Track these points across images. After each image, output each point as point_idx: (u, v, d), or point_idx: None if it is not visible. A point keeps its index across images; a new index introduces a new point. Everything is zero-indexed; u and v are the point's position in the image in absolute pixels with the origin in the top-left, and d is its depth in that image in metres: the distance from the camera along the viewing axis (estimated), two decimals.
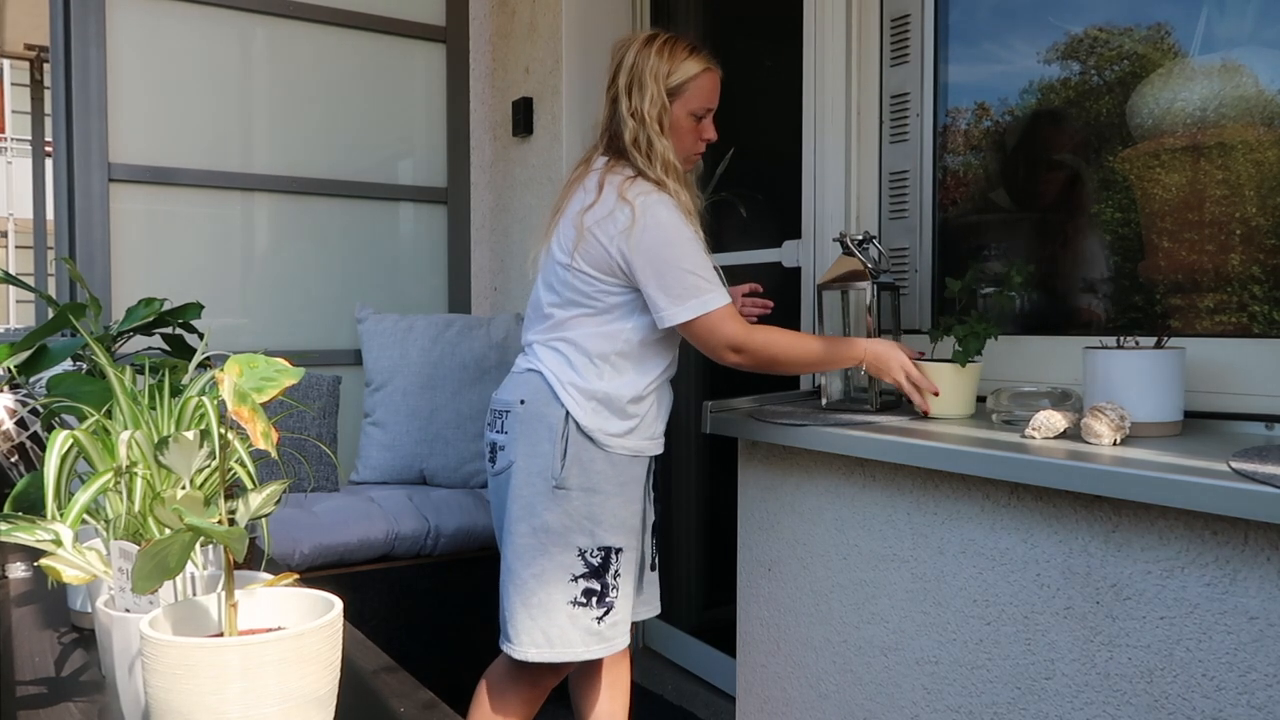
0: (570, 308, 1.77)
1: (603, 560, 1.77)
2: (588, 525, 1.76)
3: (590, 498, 1.76)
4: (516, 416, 1.79)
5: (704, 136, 1.83)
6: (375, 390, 2.86)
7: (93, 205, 2.69)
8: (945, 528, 1.51)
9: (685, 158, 1.83)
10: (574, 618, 1.75)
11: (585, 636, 1.76)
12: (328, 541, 2.38)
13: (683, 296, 1.68)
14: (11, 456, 1.58)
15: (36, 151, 6.59)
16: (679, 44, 1.80)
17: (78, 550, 0.94)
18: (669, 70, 1.77)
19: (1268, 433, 1.44)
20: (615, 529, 1.78)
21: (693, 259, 1.70)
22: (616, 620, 1.79)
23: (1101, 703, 1.30)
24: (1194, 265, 1.58)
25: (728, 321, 1.70)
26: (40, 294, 1.75)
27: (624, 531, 1.80)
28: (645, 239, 1.68)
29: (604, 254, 1.71)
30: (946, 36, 1.99)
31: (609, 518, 1.78)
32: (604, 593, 1.77)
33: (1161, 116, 1.61)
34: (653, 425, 1.84)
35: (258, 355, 0.85)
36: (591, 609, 1.76)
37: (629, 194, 1.71)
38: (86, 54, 2.67)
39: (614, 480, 1.78)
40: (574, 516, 1.75)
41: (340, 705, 0.87)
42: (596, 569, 1.77)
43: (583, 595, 1.76)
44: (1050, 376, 1.73)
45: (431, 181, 3.26)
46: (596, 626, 1.77)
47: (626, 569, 1.81)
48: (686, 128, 1.80)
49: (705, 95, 1.80)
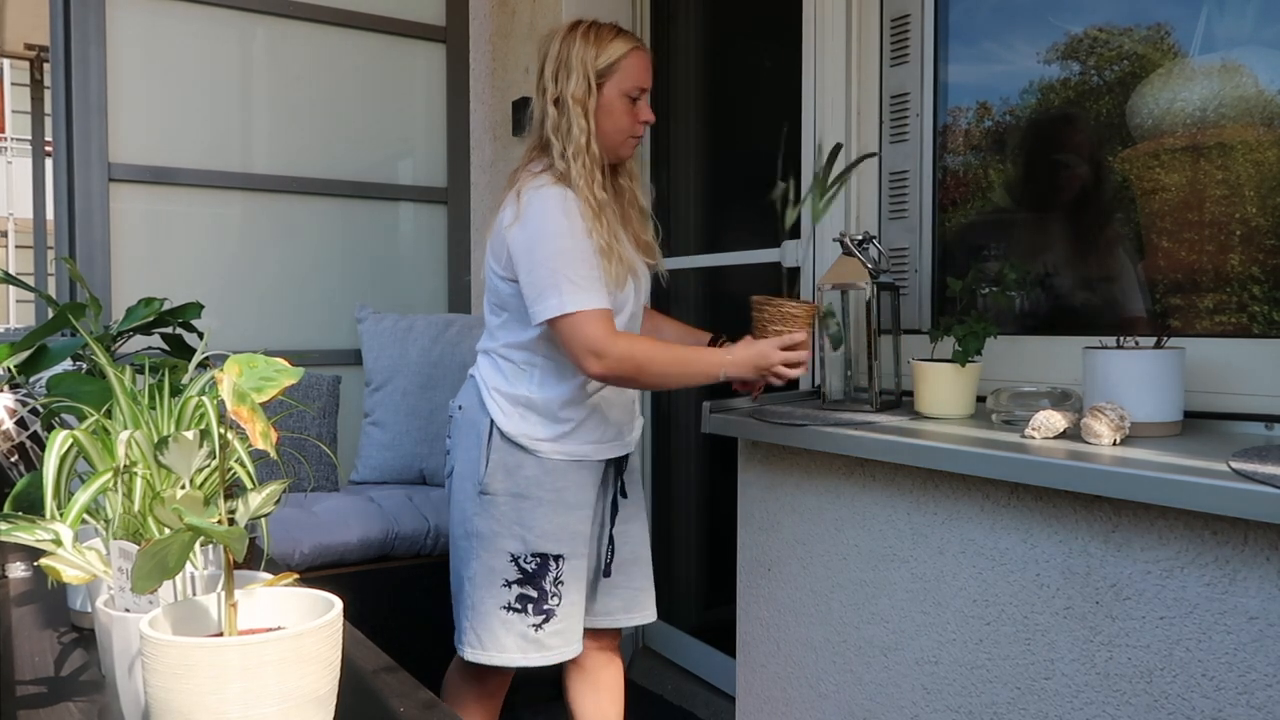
0: (500, 313, 1.78)
1: (538, 566, 1.74)
2: (518, 530, 1.74)
3: (519, 503, 1.74)
4: (456, 423, 1.85)
5: (641, 118, 1.77)
6: (375, 390, 2.86)
7: (93, 205, 2.69)
8: (945, 528, 1.51)
9: (620, 141, 1.77)
10: (507, 623, 1.74)
11: (521, 643, 1.74)
12: (328, 541, 2.38)
13: (543, 295, 1.63)
14: (11, 456, 1.58)
15: (36, 151, 6.59)
16: (604, 28, 1.76)
17: (78, 550, 0.94)
18: (596, 53, 1.73)
19: (1267, 433, 1.44)
20: (552, 536, 1.75)
21: (565, 256, 1.63)
22: (560, 629, 1.76)
23: (1101, 703, 1.30)
24: (1194, 265, 1.58)
25: (590, 324, 1.62)
26: (40, 294, 1.75)
27: (565, 539, 1.76)
28: (521, 234, 1.66)
29: (506, 253, 1.70)
30: (946, 36, 1.99)
31: (542, 524, 1.74)
32: (541, 600, 1.74)
33: (1161, 117, 1.61)
34: (597, 429, 1.78)
35: (257, 355, 0.85)
36: (527, 615, 1.74)
37: (524, 188, 1.69)
38: (86, 54, 2.68)
39: (547, 486, 1.75)
40: (502, 522, 1.74)
41: (340, 705, 0.87)
42: (532, 575, 1.74)
43: (517, 601, 1.74)
44: (1050, 376, 1.73)
45: (431, 181, 3.26)
46: (534, 634, 1.74)
47: (572, 578, 1.78)
48: (621, 109, 1.75)
49: (636, 74, 1.75)
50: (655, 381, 1.71)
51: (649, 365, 1.65)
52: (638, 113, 1.77)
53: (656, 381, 1.71)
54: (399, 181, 3.21)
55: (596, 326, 1.63)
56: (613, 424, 1.81)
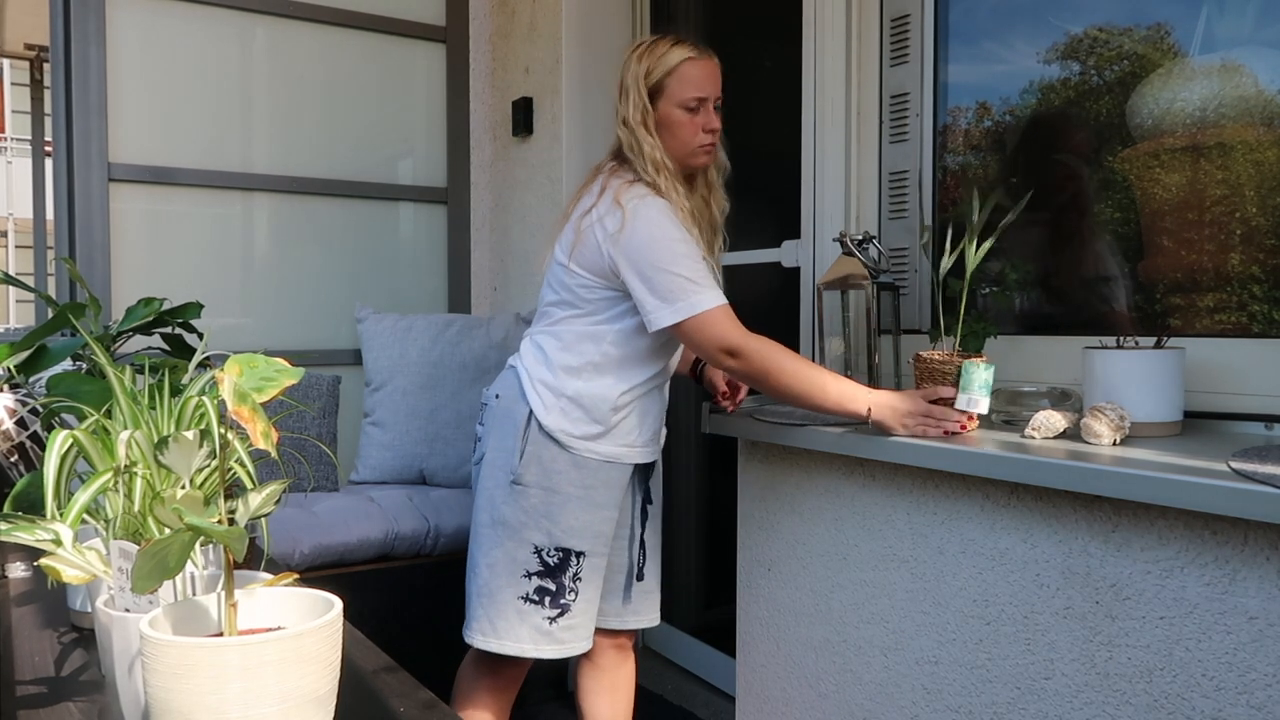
0: (565, 307, 1.79)
1: (560, 561, 1.77)
2: (545, 524, 1.76)
3: (549, 497, 1.76)
4: (491, 411, 1.83)
5: (707, 127, 1.76)
6: (375, 390, 2.86)
7: (93, 205, 2.69)
8: (945, 528, 1.51)
9: (689, 153, 1.78)
10: (523, 614, 1.76)
11: (534, 634, 1.77)
12: (327, 541, 2.37)
13: (669, 298, 1.65)
14: (11, 456, 1.58)
15: (36, 151, 6.59)
16: (661, 41, 1.77)
17: (78, 550, 0.94)
18: (648, 69, 1.76)
19: (1267, 433, 1.44)
20: (577, 532, 1.77)
21: (681, 261, 1.66)
22: (573, 624, 1.78)
23: (1101, 703, 1.30)
24: (1194, 265, 1.58)
25: (722, 323, 1.65)
26: (40, 294, 1.75)
27: (589, 536, 1.78)
28: (632, 242, 1.67)
29: (597, 256, 1.71)
30: (946, 36, 1.99)
31: (569, 519, 1.76)
32: (559, 594, 1.77)
33: (1161, 116, 1.61)
34: (632, 433, 1.80)
35: (258, 355, 0.85)
36: (544, 608, 1.76)
37: (623, 198, 1.70)
38: (86, 54, 2.67)
39: (578, 483, 1.77)
40: (530, 514, 1.76)
41: (340, 705, 0.87)
42: (553, 569, 1.77)
43: (535, 593, 1.76)
44: (1050, 376, 1.73)
45: (431, 181, 3.26)
46: (548, 626, 1.77)
47: (591, 575, 1.80)
48: (680, 121, 1.75)
49: (692, 84, 1.75)
50: (780, 391, 1.67)
51: (779, 374, 1.64)
52: (702, 121, 1.76)
53: (782, 392, 1.67)
54: (399, 181, 3.21)
55: (729, 323, 1.65)
56: (649, 429, 1.82)
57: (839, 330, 1.88)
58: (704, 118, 1.76)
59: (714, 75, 1.78)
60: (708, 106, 1.77)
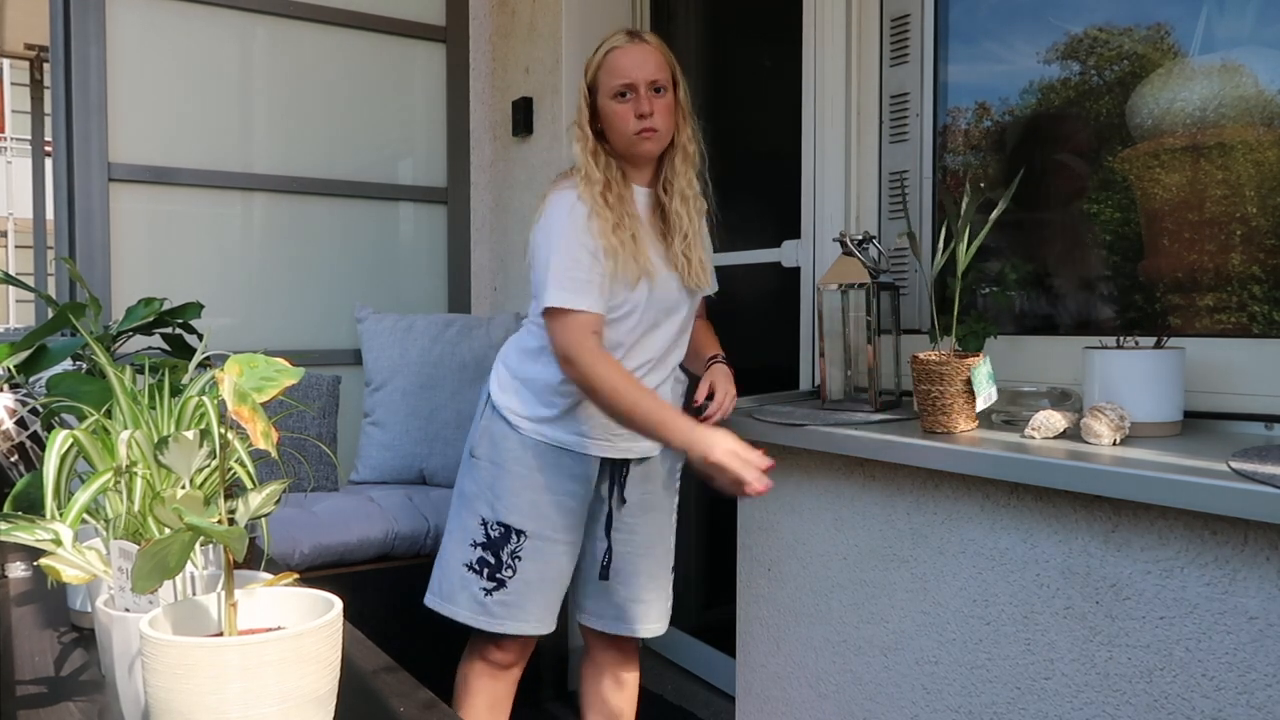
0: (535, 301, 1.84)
1: (501, 535, 1.81)
2: (489, 496, 1.83)
3: (496, 471, 1.82)
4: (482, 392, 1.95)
5: (638, 112, 1.72)
6: (375, 390, 2.86)
7: (93, 205, 2.69)
8: (945, 528, 1.51)
9: (629, 142, 1.75)
10: (465, 581, 1.83)
11: (471, 603, 1.83)
12: (327, 541, 2.38)
13: (542, 287, 1.71)
14: (11, 456, 1.58)
15: (36, 151, 6.59)
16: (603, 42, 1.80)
17: (78, 550, 0.94)
18: (586, 68, 1.80)
19: (1267, 433, 1.44)
20: (518, 510, 1.80)
21: (561, 256, 1.68)
22: (507, 601, 1.81)
23: (1101, 702, 1.30)
24: (1194, 265, 1.58)
25: (569, 328, 1.67)
26: (40, 294, 1.75)
27: (531, 517, 1.80)
28: (538, 229, 1.77)
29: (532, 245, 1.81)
30: (946, 36, 1.99)
31: (511, 496, 1.81)
32: (497, 568, 1.81)
33: (1161, 116, 1.61)
34: (581, 424, 1.80)
35: (258, 355, 0.85)
36: (482, 579, 1.82)
37: (550, 190, 1.80)
38: (86, 53, 2.67)
39: (523, 462, 1.81)
40: (480, 485, 1.84)
41: (340, 705, 0.87)
42: (494, 541, 1.82)
43: (477, 563, 1.83)
44: (1050, 376, 1.73)
45: (431, 181, 3.26)
46: (483, 598, 1.82)
47: (533, 556, 1.81)
48: (614, 111, 1.75)
49: (617, 72, 1.74)
50: (606, 409, 1.70)
51: (605, 392, 1.65)
52: (632, 108, 1.73)
53: (607, 410, 1.70)
54: (399, 181, 3.21)
55: (576, 331, 1.68)
56: (599, 423, 1.80)
57: (839, 330, 1.88)
58: (636, 104, 1.73)
59: (644, 60, 1.74)
60: (639, 92, 1.73)
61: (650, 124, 1.73)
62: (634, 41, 1.77)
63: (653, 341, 1.82)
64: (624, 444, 1.84)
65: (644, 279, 1.74)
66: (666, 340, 1.83)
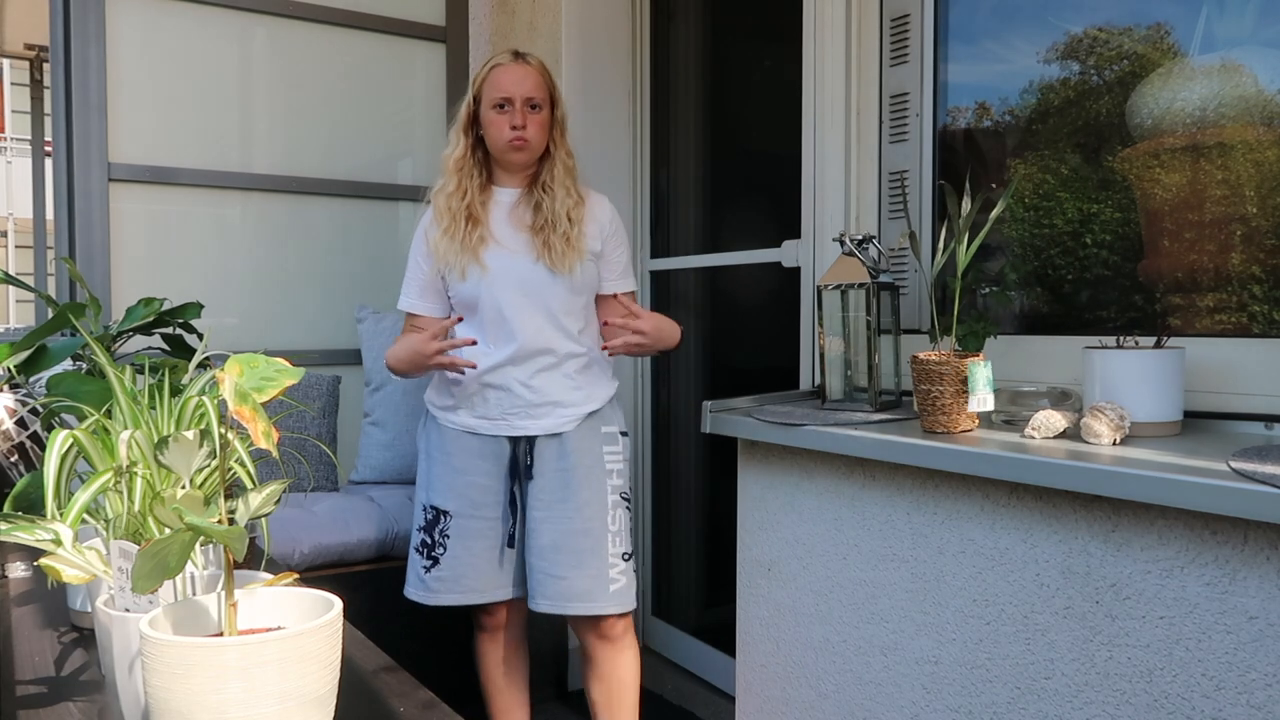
0: None
1: (433, 517, 2.05)
2: (424, 483, 2.08)
3: (426, 460, 2.09)
4: None
5: (511, 124, 1.96)
6: (375, 390, 2.87)
7: (92, 205, 2.69)
8: (945, 527, 1.51)
9: (501, 148, 2.00)
10: (413, 562, 2.09)
11: (416, 580, 2.07)
12: (327, 541, 2.38)
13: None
14: (11, 456, 1.58)
15: (36, 151, 6.59)
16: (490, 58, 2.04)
17: (78, 550, 0.94)
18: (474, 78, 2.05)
19: (1267, 433, 1.44)
20: (441, 493, 2.04)
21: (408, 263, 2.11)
22: (442, 576, 2.03)
23: (1101, 702, 1.30)
24: (1194, 265, 1.58)
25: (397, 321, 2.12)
26: (40, 294, 1.75)
27: (452, 497, 2.03)
28: None
29: None
30: (946, 36, 1.99)
31: (436, 481, 2.05)
32: (433, 547, 2.04)
33: (1161, 116, 1.61)
34: (480, 407, 2.02)
35: (258, 355, 0.85)
36: (423, 558, 2.06)
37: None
38: (86, 54, 2.67)
39: (440, 447, 2.06)
40: (420, 475, 2.11)
41: (340, 705, 0.87)
42: (429, 524, 2.05)
43: (420, 545, 2.07)
44: (1050, 376, 1.73)
45: (431, 182, 3.25)
46: (424, 575, 2.05)
47: (458, 534, 2.02)
48: (491, 120, 1.99)
49: (497, 87, 1.98)
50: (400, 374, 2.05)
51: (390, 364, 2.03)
52: (506, 120, 1.97)
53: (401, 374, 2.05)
54: (399, 181, 3.21)
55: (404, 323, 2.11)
56: (494, 406, 2.01)
57: (839, 330, 1.88)
58: (510, 116, 1.97)
59: (523, 79, 1.98)
60: (515, 106, 1.97)
61: (522, 135, 1.97)
62: (517, 61, 2.01)
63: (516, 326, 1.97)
64: (519, 423, 2.01)
65: (473, 265, 1.97)
66: (532, 325, 1.98)
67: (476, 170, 2.03)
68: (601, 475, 2.04)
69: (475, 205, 2.01)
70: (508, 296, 1.97)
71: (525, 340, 1.98)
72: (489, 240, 1.99)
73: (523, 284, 1.98)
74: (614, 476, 2.06)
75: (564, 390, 2.02)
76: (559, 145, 2.04)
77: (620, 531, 2.04)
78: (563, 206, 1.99)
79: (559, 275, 1.98)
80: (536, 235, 1.99)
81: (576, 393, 2.03)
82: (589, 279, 2.04)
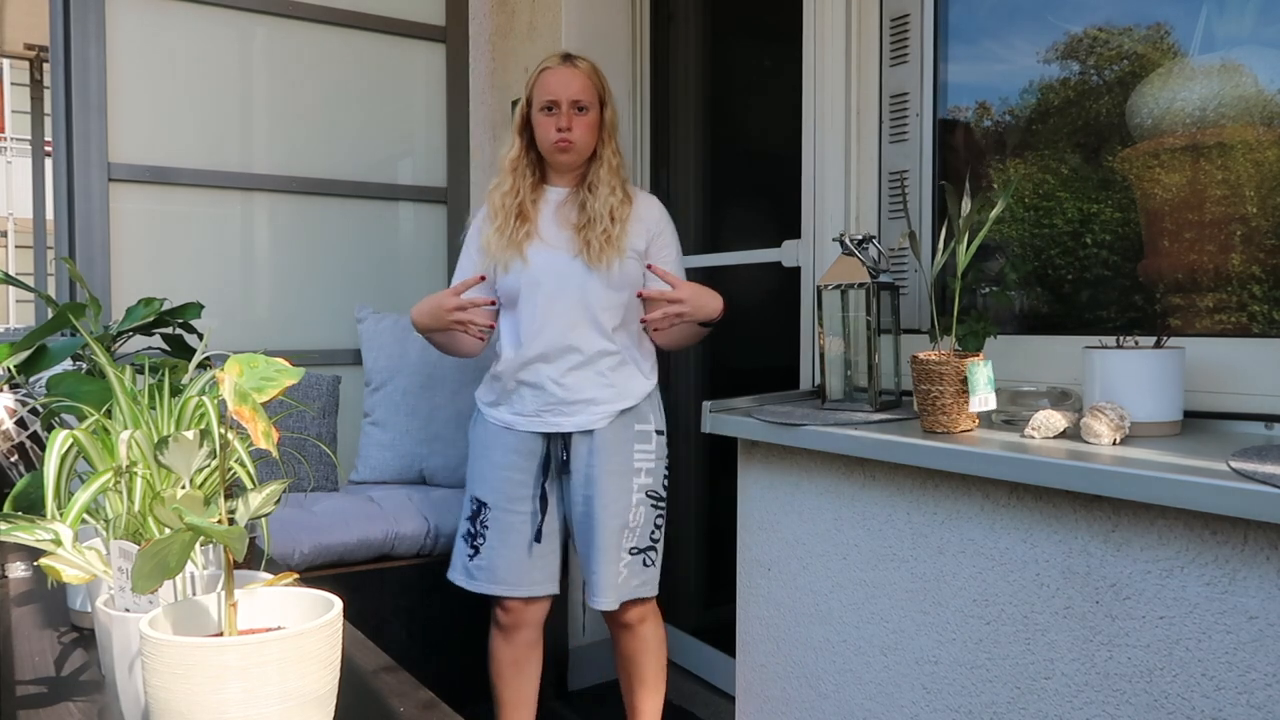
0: None
1: (476, 508, 2.12)
2: (471, 475, 2.16)
3: (472, 453, 2.18)
4: None
5: (557, 126, 2.03)
6: (375, 390, 2.86)
7: (93, 205, 2.69)
8: (945, 528, 1.51)
9: (548, 149, 2.07)
10: (458, 550, 2.16)
11: (461, 568, 2.14)
12: (327, 541, 2.37)
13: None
14: (11, 456, 1.58)
15: (36, 151, 6.59)
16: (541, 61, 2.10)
17: (77, 550, 0.94)
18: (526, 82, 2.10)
19: (1267, 432, 1.44)
20: (483, 485, 2.11)
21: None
22: (482, 565, 2.10)
23: (1101, 702, 1.30)
24: (1194, 265, 1.58)
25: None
26: (40, 294, 1.75)
27: (489, 490, 2.10)
28: None
29: None
30: (946, 36, 1.99)
31: (475, 472, 2.14)
32: (475, 536, 2.11)
33: (1161, 116, 1.61)
34: (517, 404, 2.09)
35: (258, 355, 0.85)
36: (467, 547, 2.13)
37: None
38: (86, 54, 2.67)
39: (482, 441, 2.14)
40: (468, 468, 2.18)
41: (340, 705, 0.87)
42: (474, 514, 2.12)
43: (465, 534, 2.14)
44: (1050, 376, 1.73)
45: (431, 181, 3.26)
46: (467, 562, 2.13)
47: (494, 525, 2.09)
48: (539, 121, 2.06)
49: (545, 90, 2.04)
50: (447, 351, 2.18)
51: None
52: (553, 122, 2.03)
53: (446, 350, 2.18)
54: (399, 181, 3.21)
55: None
56: (529, 403, 2.07)
57: (839, 330, 1.88)
58: (557, 118, 2.03)
59: (570, 81, 2.04)
60: (562, 108, 2.03)
61: (567, 137, 2.03)
62: (565, 64, 2.06)
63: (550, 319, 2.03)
64: (554, 419, 2.07)
65: (516, 259, 2.04)
66: (565, 320, 2.03)
67: (529, 170, 2.10)
68: (628, 473, 2.08)
69: (526, 203, 2.08)
70: (545, 290, 2.03)
71: (558, 335, 2.03)
72: (534, 236, 2.06)
73: (560, 279, 2.03)
74: (641, 475, 2.09)
75: (596, 387, 2.06)
76: (606, 145, 2.08)
77: (637, 527, 2.09)
78: (605, 205, 2.03)
79: (595, 271, 2.02)
80: (579, 232, 2.04)
81: (609, 390, 2.07)
82: (629, 276, 2.07)
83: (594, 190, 2.06)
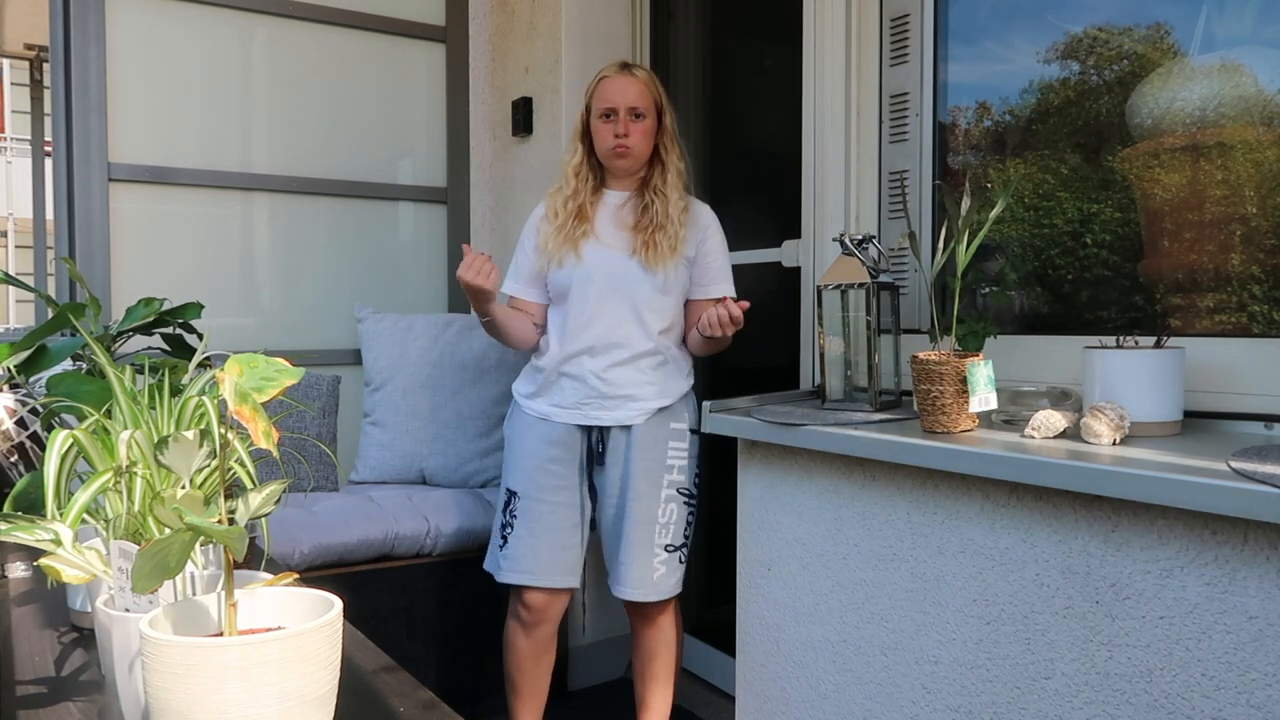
0: None
1: (508, 498, 2.16)
2: (507, 466, 2.20)
3: (508, 445, 2.21)
4: None
5: (615, 132, 2.09)
6: (375, 390, 2.86)
7: (93, 205, 2.69)
8: (945, 528, 1.51)
9: (606, 155, 2.12)
10: (492, 539, 2.21)
11: (493, 556, 2.19)
12: (327, 541, 2.37)
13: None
14: (11, 456, 1.58)
15: (36, 151, 6.59)
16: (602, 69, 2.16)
17: (77, 550, 0.94)
18: (587, 89, 2.17)
19: (1267, 432, 1.44)
20: (515, 474, 2.16)
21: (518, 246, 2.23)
22: (510, 555, 2.13)
23: (1101, 702, 1.30)
24: (1194, 265, 1.58)
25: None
26: (40, 294, 1.75)
27: (520, 479, 2.14)
28: None
29: None
30: (946, 36, 1.99)
31: (510, 463, 2.18)
32: (506, 525, 2.16)
33: (1161, 116, 1.61)
34: (555, 396, 2.13)
35: (258, 355, 0.85)
36: (499, 537, 2.18)
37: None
38: (86, 54, 2.67)
39: (517, 432, 2.19)
40: (504, 459, 2.22)
41: (340, 705, 0.87)
42: (506, 504, 2.17)
43: (500, 523, 2.18)
44: (1050, 376, 1.73)
45: (431, 181, 3.26)
46: (498, 552, 2.17)
47: (524, 515, 2.13)
48: (598, 128, 2.12)
49: (603, 97, 2.11)
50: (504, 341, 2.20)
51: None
52: (611, 129, 2.09)
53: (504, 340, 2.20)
54: (399, 181, 3.21)
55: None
56: (570, 395, 2.12)
57: (839, 330, 1.88)
58: (614, 125, 2.09)
59: (626, 89, 2.09)
60: (619, 115, 2.09)
61: (624, 143, 2.08)
62: (622, 73, 2.12)
63: (599, 316, 2.08)
64: (594, 413, 2.12)
65: (571, 255, 2.09)
66: (613, 318, 2.08)
67: (590, 175, 2.16)
68: (661, 470, 2.14)
69: (586, 205, 2.14)
70: (596, 287, 2.08)
71: (604, 331, 2.08)
72: (590, 235, 2.12)
73: (612, 277, 2.08)
74: (674, 472, 2.16)
75: (637, 384, 2.11)
76: (669, 150, 2.14)
77: (669, 524, 2.15)
78: (675, 209, 2.10)
79: (650, 273, 2.07)
80: (638, 234, 2.10)
81: (649, 387, 2.12)
82: (679, 281, 2.12)
83: (660, 194, 2.12)
